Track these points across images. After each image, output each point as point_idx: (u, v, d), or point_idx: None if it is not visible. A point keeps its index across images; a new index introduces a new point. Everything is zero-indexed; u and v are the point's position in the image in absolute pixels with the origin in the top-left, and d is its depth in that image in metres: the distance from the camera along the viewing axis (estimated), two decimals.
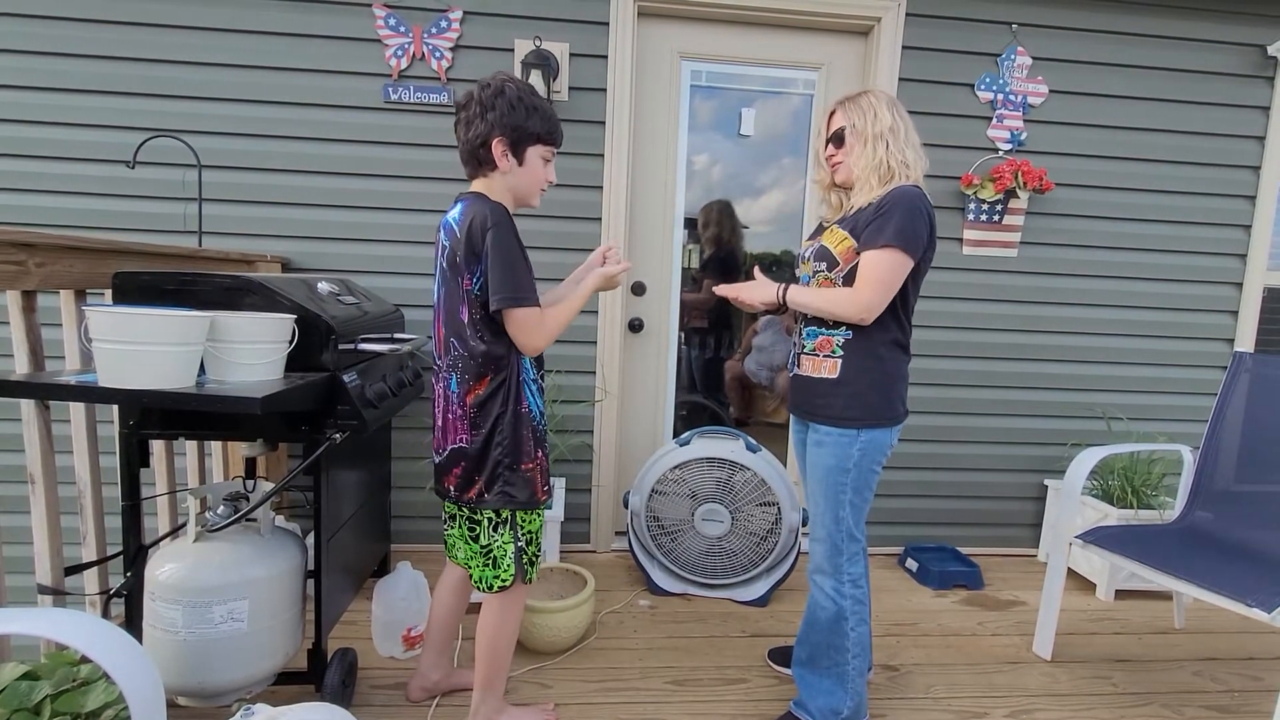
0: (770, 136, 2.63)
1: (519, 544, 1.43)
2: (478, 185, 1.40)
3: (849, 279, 1.42)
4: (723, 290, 1.57)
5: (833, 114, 1.52)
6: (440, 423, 1.41)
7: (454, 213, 1.36)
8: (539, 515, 1.47)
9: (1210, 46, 2.58)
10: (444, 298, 1.38)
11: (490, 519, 1.41)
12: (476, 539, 1.43)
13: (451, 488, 1.41)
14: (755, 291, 1.53)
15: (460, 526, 1.47)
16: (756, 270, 1.58)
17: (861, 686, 1.52)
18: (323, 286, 1.70)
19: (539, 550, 1.49)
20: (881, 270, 1.36)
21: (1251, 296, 2.71)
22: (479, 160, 1.37)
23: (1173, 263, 2.68)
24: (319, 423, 1.48)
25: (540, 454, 1.43)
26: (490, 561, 1.43)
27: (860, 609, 1.50)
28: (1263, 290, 2.72)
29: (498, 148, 1.34)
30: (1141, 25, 2.55)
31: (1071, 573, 2.48)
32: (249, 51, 2.29)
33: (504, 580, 1.43)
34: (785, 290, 1.49)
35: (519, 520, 1.42)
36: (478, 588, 1.46)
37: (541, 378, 1.48)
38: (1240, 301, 2.72)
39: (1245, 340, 2.73)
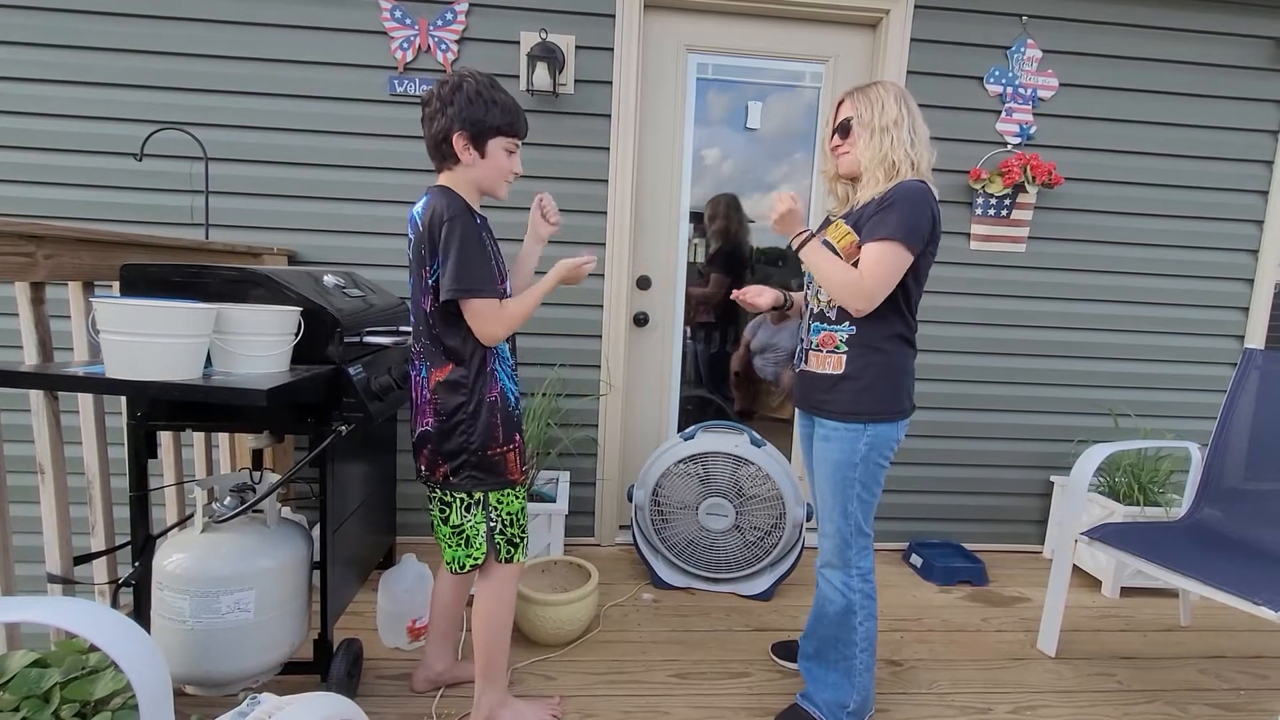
0: (777, 130, 2.62)
1: (491, 524, 1.44)
2: (443, 179, 1.42)
3: None
4: (735, 294, 1.66)
5: (841, 103, 1.51)
6: (413, 408, 1.45)
7: (418, 207, 1.38)
8: (518, 497, 1.48)
9: (1222, 39, 2.55)
10: (413, 289, 1.41)
11: (461, 499, 1.43)
12: (447, 520, 1.45)
13: (423, 466, 1.44)
14: (760, 297, 1.63)
15: (435, 507, 1.48)
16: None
17: (869, 681, 1.52)
18: (328, 279, 1.70)
19: (522, 532, 1.49)
20: (883, 264, 1.35)
21: (1262, 292, 2.68)
22: (443, 155, 1.39)
23: (1183, 258, 2.66)
24: (325, 415, 1.49)
25: (516, 437, 1.45)
26: (462, 541, 1.45)
27: (869, 604, 1.50)
28: (1274, 286, 2.69)
29: (459, 142, 1.35)
30: (1153, 17, 2.51)
31: (1077, 569, 2.46)
32: (255, 44, 2.29)
33: (475, 559, 1.45)
34: (805, 238, 1.47)
35: (491, 502, 1.43)
36: (449, 568, 1.48)
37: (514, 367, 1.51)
38: (1251, 298, 2.69)
39: (1255, 337, 2.71)
